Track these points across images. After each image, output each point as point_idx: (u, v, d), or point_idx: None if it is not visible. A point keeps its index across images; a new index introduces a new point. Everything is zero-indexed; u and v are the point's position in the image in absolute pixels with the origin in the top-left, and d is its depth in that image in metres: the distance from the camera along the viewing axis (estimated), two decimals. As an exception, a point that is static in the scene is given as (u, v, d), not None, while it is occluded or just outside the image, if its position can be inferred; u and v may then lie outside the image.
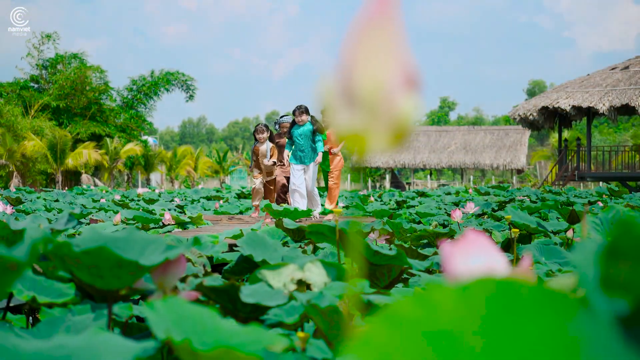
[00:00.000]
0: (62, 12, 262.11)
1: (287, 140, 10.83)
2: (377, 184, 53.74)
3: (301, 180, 10.43)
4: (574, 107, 28.50)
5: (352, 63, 0.60)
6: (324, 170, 11.51)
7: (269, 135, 11.02)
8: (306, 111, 10.64)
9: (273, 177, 11.14)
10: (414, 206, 11.14)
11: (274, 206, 6.31)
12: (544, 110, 29.61)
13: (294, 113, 10.69)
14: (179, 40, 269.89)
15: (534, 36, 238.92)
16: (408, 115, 0.58)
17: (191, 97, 47.22)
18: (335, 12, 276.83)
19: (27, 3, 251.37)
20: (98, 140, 42.35)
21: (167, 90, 46.75)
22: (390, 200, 13.71)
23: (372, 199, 13.66)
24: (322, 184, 12.80)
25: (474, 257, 0.92)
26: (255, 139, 11.08)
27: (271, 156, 10.95)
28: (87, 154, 38.09)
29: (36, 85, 44.78)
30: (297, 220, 6.63)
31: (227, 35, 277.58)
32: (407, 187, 45.85)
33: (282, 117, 12.06)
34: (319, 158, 10.66)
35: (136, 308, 2.13)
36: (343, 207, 12.52)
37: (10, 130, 36.41)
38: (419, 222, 7.49)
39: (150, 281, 1.68)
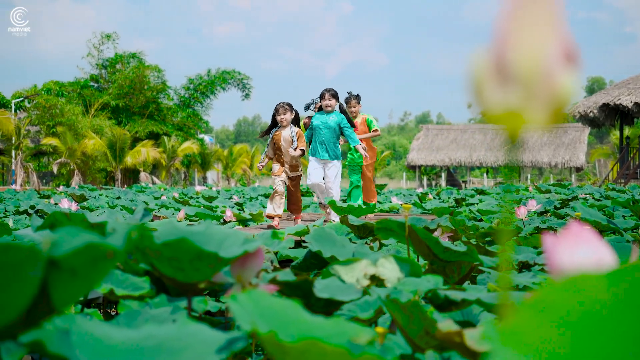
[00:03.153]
0: (120, 13, 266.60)
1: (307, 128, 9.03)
2: (433, 182, 53.38)
3: (318, 178, 8.66)
4: (636, 103, 27.86)
5: (507, 38, 0.57)
6: (354, 164, 10.41)
7: (293, 116, 8.44)
8: (336, 96, 8.78)
9: (299, 172, 8.46)
10: (473, 204, 11.02)
11: (338, 203, 6.26)
12: (605, 107, 29.01)
13: (321, 97, 8.80)
14: (233, 40, 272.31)
15: (592, 32, 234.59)
16: (567, 91, 0.55)
17: (247, 95, 47.54)
18: (389, 9, 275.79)
19: (87, 4, 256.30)
20: (156, 139, 42.95)
21: (224, 89, 47.17)
22: (449, 198, 13.59)
23: (430, 196, 13.56)
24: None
25: (579, 250, 0.89)
26: (275, 123, 8.42)
27: (298, 141, 8.30)
28: (146, 152, 38.66)
29: (96, 85, 45.61)
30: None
31: (280, 33, 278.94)
32: (463, 185, 45.43)
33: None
34: (361, 152, 9.03)
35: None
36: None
37: (71, 129, 37.14)
38: (480, 220, 7.41)
39: (228, 275, 1.68)
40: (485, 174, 50.88)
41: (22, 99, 41.33)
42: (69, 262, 0.96)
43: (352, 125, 8.91)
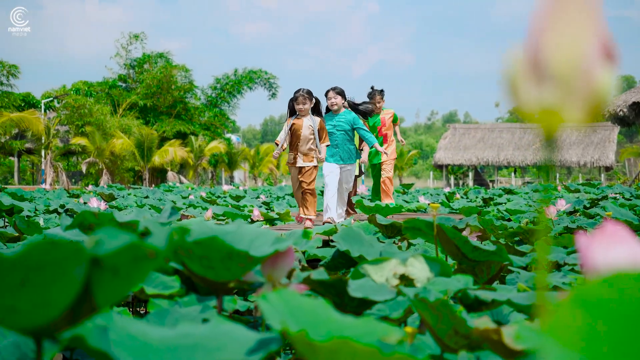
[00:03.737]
0: (148, 13, 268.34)
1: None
2: (460, 182, 53.13)
3: (333, 182, 8.01)
4: (667, 102, 27.54)
5: (544, 35, 0.57)
6: (373, 163, 10.02)
7: (313, 104, 7.59)
8: (342, 94, 8.13)
9: (314, 163, 7.58)
10: (501, 203, 10.95)
11: (365, 202, 6.25)
12: (635, 105, 28.67)
13: (326, 95, 8.19)
14: (259, 39, 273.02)
15: (623, 30, 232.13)
16: (605, 89, 0.55)
17: (274, 95, 47.61)
18: (415, 7, 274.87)
19: (115, 4, 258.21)
20: (183, 138, 43.17)
21: (250, 88, 47.28)
22: (476, 197, 13.53)
23: (457, 196, 13.50)
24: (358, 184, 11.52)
25: (614, 249, 0.88)
26: (293, 112, 7.64)
27: (321, 137, 7.53)
28: (173, 151, 38.85)
29: (124, 85, 45.93)
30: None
31: (307, 33, 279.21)
32: (490, 184, 45.18)
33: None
34: (365, 156, 8.82)
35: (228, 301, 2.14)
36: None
37: (99, 129, 37.44)
38: (509, 220, 7.36)
39: (258, 274, 1.68)
40: (513, 174, 50.56)
41: (51, 99, 41.74)
42: (111, 261, 0.97)
43: (366, 115, 8.73)
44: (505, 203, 10.63)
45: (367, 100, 9.72)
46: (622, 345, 0.52)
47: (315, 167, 7.59)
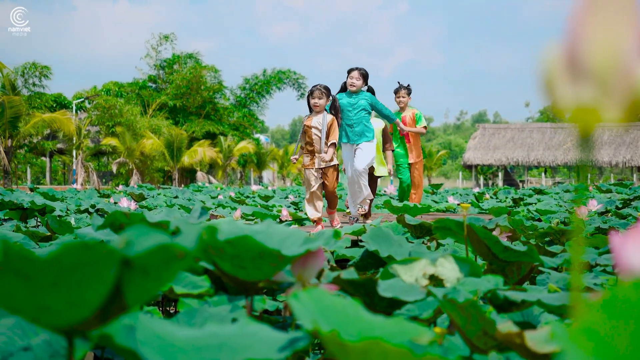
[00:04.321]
0: (178, 14, 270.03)
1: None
2: (490, 182, 52.82)
3: (350, 163, 7.69)
4: (700, 101, 27.17)
5: (582, 31, 0.56)
6: (400, 163, 9.58)
7: (329, 102, 7.13)
8: (365, 77, 7.77)
9: (333, 163, 7.05)
10: (531, 204, 10.87)
11: (394, 202, 6.23)
12: (668, 104, 28.33)
13: (349, 73, 7.80)
14: (288, 39, 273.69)
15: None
16: None
17: (302, 95, 47.68)
18: (445, 7, 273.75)
19: (146, 6, 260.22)
20: (212, 139, 43.41)
21: (279, 88, 47.41)
22: (506, 197, 13.44)
23: (487, 196, 13.42)
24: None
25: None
26: (310, 108, 7.18)
27: (328, 136, 6.98)
28: (202, 152, 39.08)
29: (154, 85, 46.29)
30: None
31: (335, 33, 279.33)
32: (520, 184, 44.86)
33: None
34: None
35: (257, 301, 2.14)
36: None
37: (129, 129, 37.76)
38: (539, 220, 7.31)
39: (288, 274, 1.68)
40: (543, 174, 50.16)
41: (82, 99, 42.16)
42: (141, 261, 0.97)
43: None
44: (535, 203, 10.55)
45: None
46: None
47: (335, 168, 7.08)
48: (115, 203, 9.18)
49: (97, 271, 0.96)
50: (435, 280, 2.05)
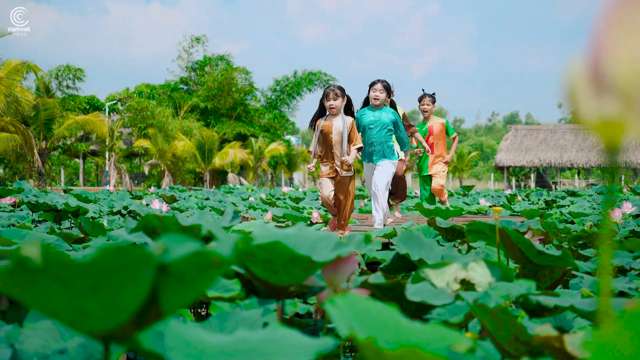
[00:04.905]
0: (209, 16, 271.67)
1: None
2: (522, 184, 52.41)
3: (371, 180, 7.41)
4: None
5: (605, 45, 0.56)
6: (423, 175, 9.42)
7: (345, 103, 6.70)
8: (388, 89, 7.33)
9: (351, 172, 6.68)
10: (564, 206, 10.76)
11: (425, 205, 6.21)
12: None
13: (372, 86, 7.41)
14: (319, 41, 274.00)
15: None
16: None
17: (333, 97, 47.60)
18: (476, 8, 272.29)
19: (178, 8, 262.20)
20: (243, 140, 43.59)
21: (310, 90, 47.48)
22: (538, 199, 13.32)
23: (519, 198, 13.32)
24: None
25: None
26: (323, 111, 6.75)
27: (351, 139, 6.58)
28: (233, 153, 39.24)
29: (185, 87, 46.61)
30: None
31: (366, 34, 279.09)
32: (553, 186, 44.46)
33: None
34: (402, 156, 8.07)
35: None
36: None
37: (161, 131, 38.05)
38: (572, 222, 7.23)
39: (319, 278, 1.69)
40: (576, 175, 49.67)
41: (115, 101, 42.61)
42: (178, 268, 0.98)
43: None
44: (568, 206, 10.45)
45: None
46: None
47: (351, 177, 6.69)
48: (147, 205, 9.25)
49: (134, 276, 0.97)
50: (467, 285, 2.05)
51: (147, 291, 0.98)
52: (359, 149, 6.59)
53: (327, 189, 6.64)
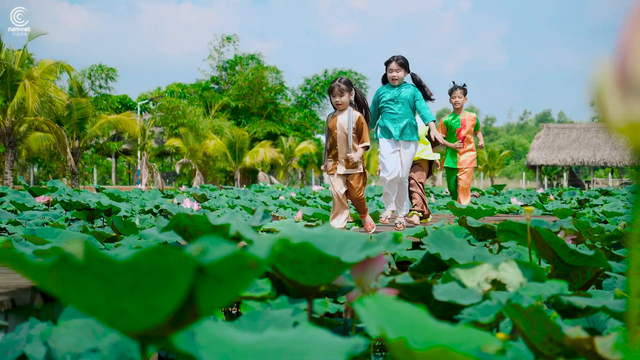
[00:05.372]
0: (240, 16, 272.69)
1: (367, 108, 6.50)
2: (554, 183, 51.95)
3: (393, 164, 6.89)
4: None
5: (633, 47, 0.55)
6: (449, 167, 9.10)
7: (352, 97, 6.33)
8: (405, 66, 7.01)
9: (359, 170, 6.31)
10: (597, 205, 10.64)
11: (457, 204, 6.16)
12: None
13: (387, 65, 7.07)
14: (349, 40, 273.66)
15: None
16: None
17: (363, 95, 47.56)
18: (508, 5, 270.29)
19: (209, 8, 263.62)
20: (273, 139, 43.69)
21: (340, 89, 47.36)
22: (571, 199, 13.19)
23: (551, 197, 13.19)
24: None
25: None
26: (333, 107, 6.40)
27: (361, 137, 6.28)
28: (264, 152, 39.34)
29: (216, 86, 46.83)
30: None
31: (397, 33, 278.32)
32: (586, 185, 44.00)
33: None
34: (431, 133, 7.32)
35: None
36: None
37: (192, 130, 38.26)
38: (605, 222, 7.15)
39: (348, 278, 1.68)
40: (610, 174, 49.11)
41: (147, 101, 42.94)
42: (215, 269, 0.99)
43: (428, 98, 7.07)
44: (601, 205, 10.34)
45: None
46: None
47: (361, 174, 6.33)
48: (178, 204, 9.30)
49: (172, 278, 0.98)
50: (498, 285, 2.03)
51: (185, 292, 0.99)
52: (367, 147, 6.27)
53: (336, 188, 6.34)
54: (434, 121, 7.09)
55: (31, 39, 28.11)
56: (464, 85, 9.07)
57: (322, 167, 6.56)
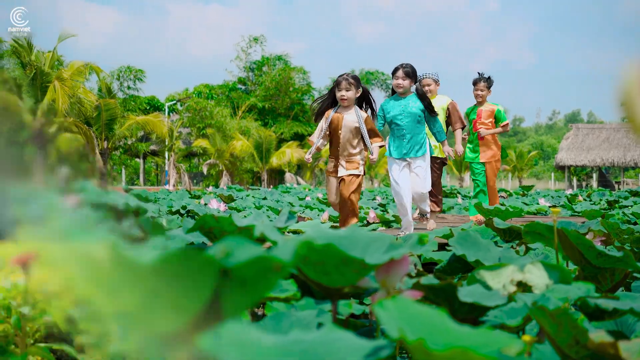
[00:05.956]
0: (267, 17, 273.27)
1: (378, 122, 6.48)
2: (583, 183, 51.49)
3: (403, 179, 6.44)
4: None
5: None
6: (472, 162, 8.70)
7: (358, 94, 6.09)
8: (412, 75, 6.44)
9: (358, 172, 6.08)
10: (627, 206, 10.53)
11: (485, 205, 6.12)
12: None
13: (393, 74, 6.53)
14: (376, 40, 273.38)
15: None
16: None
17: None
18: (537, 4, 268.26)
19: (236, 8, 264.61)
20: (300, 140, 43.74)
21: (367, 89, 47.38)
22: (600, 200, 13.06)
23: (580, 198, 13.08)
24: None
25: None
26: (335, 102, 6.17)
27: (373, 132, 6.06)
28: (290, 153, 39.39)
29: (243, 87, 47.00)
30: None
31: (423, 32, 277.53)
32: (616, 186, 43.55)
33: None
34: (449, 149, 7.16)
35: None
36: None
37: (219, 131, 38.42)
38: (635, 224, 7.07)
39: (373, 279, 1.68)
40: (640, 175, 48.58)
41: (174, 102, 43.18)
42: (240, 272, 1.00)
43: (433, 112, 6.50)
44: (631, 206, 10.23)
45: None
46: None
47: (358, 176, 6.06)
48: (205, 204, 9.35)
49: (197, 280, 0.98)
50: (524, 287, 2.02)
51: (209, 294, 1.00)
52: (381, 146, 6.07)
53: (334, 194, 6.10)
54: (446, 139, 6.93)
55: (61, 41, 28.42)
56: (489, 77, 8.71)
57: (306, 158, 6.38)
